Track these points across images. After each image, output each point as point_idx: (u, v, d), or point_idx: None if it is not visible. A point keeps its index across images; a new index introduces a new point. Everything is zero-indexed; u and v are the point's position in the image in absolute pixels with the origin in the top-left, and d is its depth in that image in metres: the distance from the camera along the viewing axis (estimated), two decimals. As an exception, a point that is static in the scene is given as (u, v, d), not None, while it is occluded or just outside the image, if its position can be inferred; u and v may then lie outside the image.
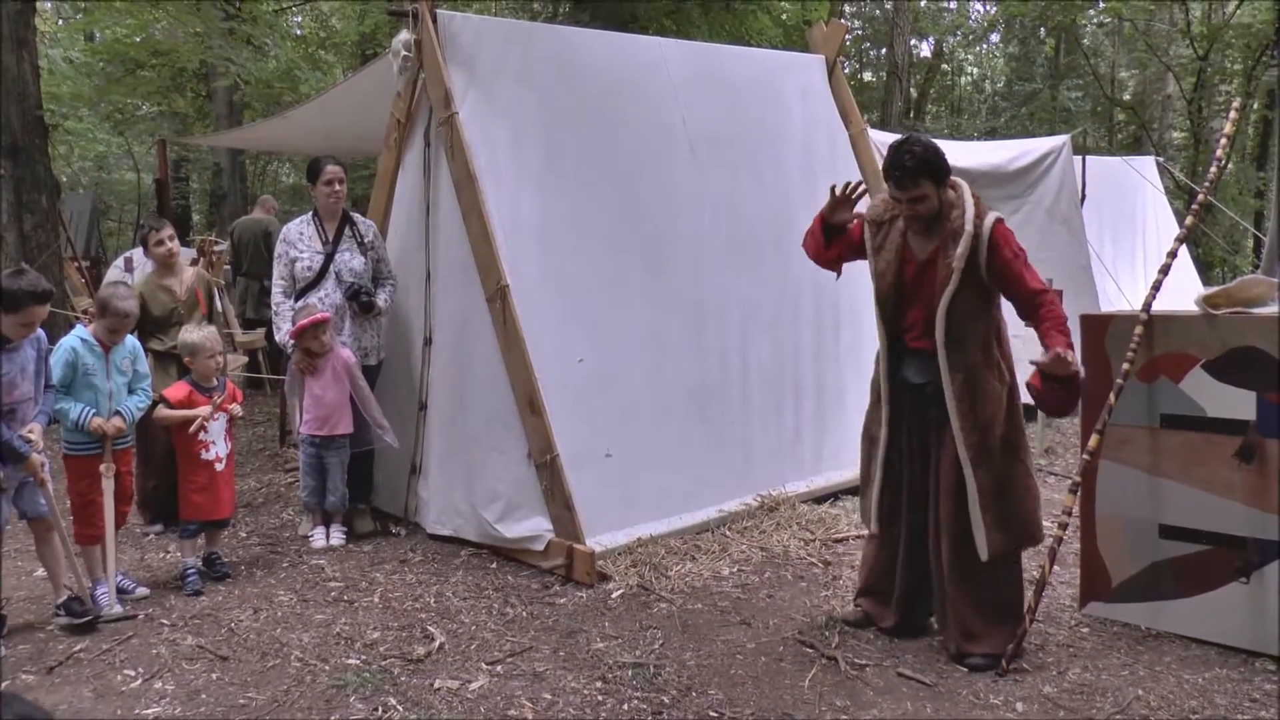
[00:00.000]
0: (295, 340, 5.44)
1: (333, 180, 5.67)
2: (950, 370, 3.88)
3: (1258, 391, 4.01)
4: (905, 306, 4.05)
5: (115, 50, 15.42)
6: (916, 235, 4.02)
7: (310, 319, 5.38)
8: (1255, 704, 3.66)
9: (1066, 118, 19.95)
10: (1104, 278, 9.37)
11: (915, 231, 4.02)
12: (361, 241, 5.73)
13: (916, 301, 4.00)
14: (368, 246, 5.74)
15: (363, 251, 5.71)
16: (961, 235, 3.85)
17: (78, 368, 4.54)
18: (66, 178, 20.15)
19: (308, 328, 5.37)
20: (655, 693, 3.77)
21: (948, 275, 3.85)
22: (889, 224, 4.10)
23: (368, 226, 5.83)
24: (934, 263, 3.94)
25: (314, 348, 5.43)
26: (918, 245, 4.02)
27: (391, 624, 4.43)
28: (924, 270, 3.98)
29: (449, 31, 5.51)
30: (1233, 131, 4.71)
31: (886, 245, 4.07)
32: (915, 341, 4.02)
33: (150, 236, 5.82)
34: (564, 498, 5.03)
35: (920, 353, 4.01)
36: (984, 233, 3.86)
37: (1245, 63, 19.43)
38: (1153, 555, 4.31)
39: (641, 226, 5.88)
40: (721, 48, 7.32)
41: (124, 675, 3.94)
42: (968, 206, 3.90)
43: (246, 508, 6.29)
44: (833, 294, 6.65)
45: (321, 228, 5.70)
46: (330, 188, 5.66)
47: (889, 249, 4.06)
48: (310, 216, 5.76)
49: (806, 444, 6.36)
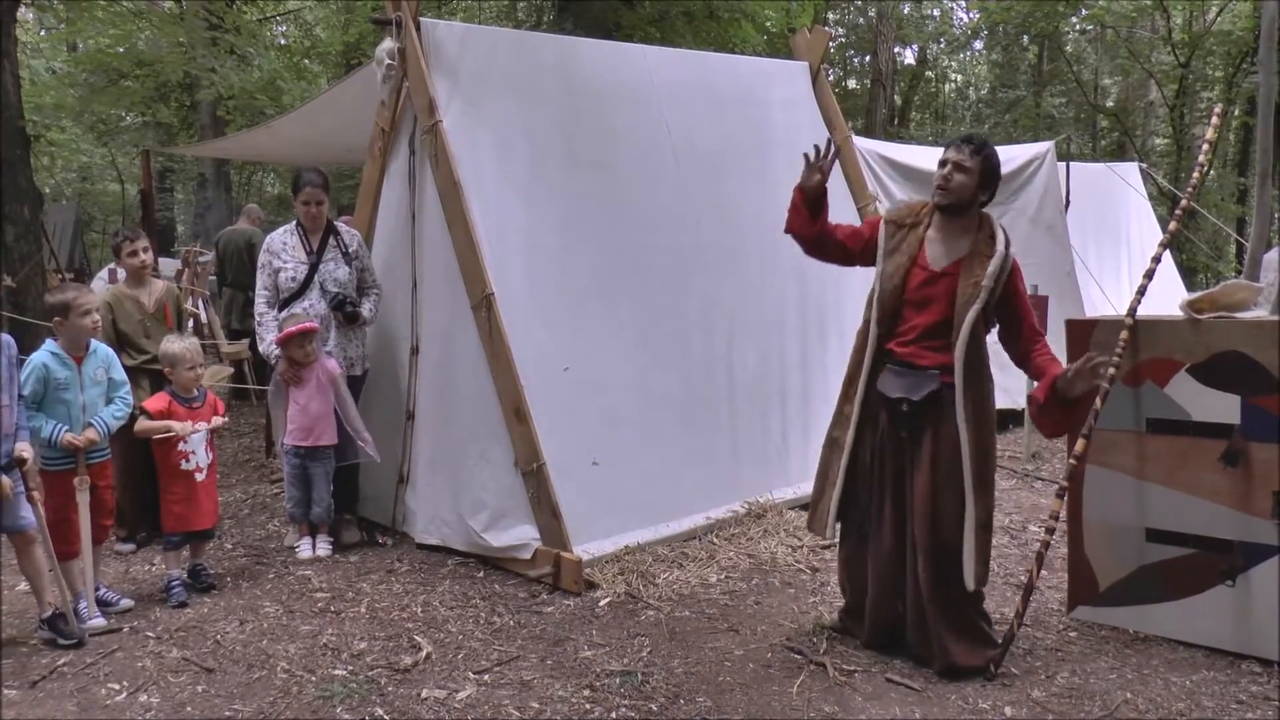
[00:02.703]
0: (280, 348, 5.41)
1: (310, 201, 5.60)
2: (966, 390, 3.85)
3: (1242, 395, 4.03)
4: (904, 310, 4.01)
5: (98, 60, 15.36)
6: (935, 243, 4.01)
7: (297, 327, 5.35)
8: (1242, 705, 3.68)
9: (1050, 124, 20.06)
10: (1088, 283, 9.41)
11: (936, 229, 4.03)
12: (346, 251, 5.70)
13: (920, 307, 3.97)
14: (352, 256, 5.71)
15: (347, 261, 5.68)
16: (994, 255, 3.87)
17: (49, 383, 4.46)
18: (49, 189, 20.07)
19: (294, 335, 5.35)
20: (643, 700, 3.75)
21: (974, 293, 3.84)
22: (908, 229, 4.09)
23: (352, 236, 5.80)
24: (950, 275, 3.93)
25: (298, 357, 5.40)
26: (934, 254, 4.00)
27: (378, 634, 4.41)
28: (934, 281, 3.96)
29: (433, 40, 5.50)
30: (1214, 138, 4.74)
31: (901, 249, 4.05)
32: (905, 348, 3.98)
33: (124, 246, 5.71)
34: (551, 506, 5.02)
35: (902, 365, 3.98)
36: (1008, 263, 3.90)
37: (1226, 69, 19.58)
38: (1139, 559, 4.32)
39: (627, 234, 5.88)
40: (706, 55, 7.33)
41: (108, 689, 3.90)
42: (999, 231, 3.94)
43: (232, 519, 6.25)
44: (818, 301, 6.68)
45: (305, 238, 5.66)
46: (308, 208, 5.61)
47: (903, 253, 4.04)
48: (294, 226, 5.71)
49: (793, 451, 6.36)
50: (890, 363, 4.02)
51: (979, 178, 3.93)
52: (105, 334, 5.27)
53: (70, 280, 10.26)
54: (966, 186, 3.92)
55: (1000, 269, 3.86)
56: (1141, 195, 11.98)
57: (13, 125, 9.13)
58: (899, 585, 4.05)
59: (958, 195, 3.94)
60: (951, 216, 4.00)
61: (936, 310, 3.93)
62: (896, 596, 4.08)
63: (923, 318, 3.95)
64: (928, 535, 3.89)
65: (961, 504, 3.85)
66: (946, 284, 3.93)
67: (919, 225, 4.07)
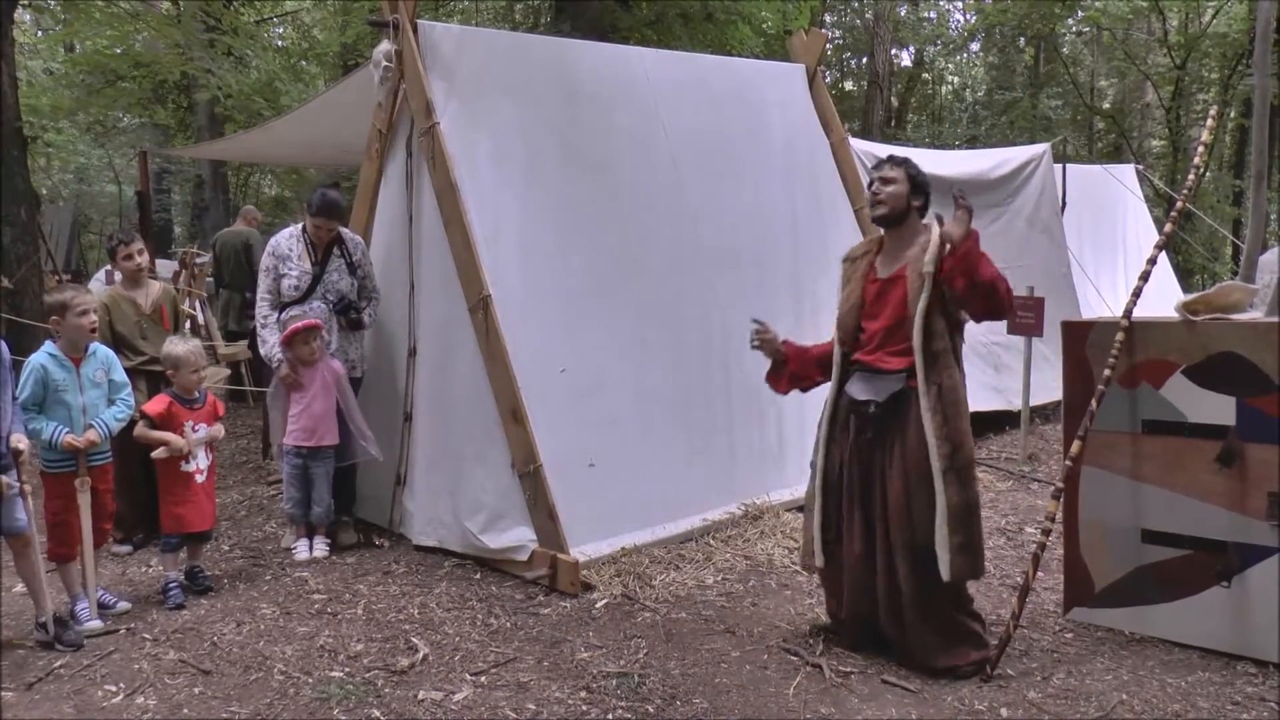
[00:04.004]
0: (286, 345, 5.41)
1: (323, 227, 5.59)
2: (927, 380, 3.87)
3: (1237, 396, 4.04)
4: (864, 320, 4.14)
5: (95, 61, 15.34)
6: (884, 257, 4.17)
7: (302, 323, 5.38)
8: (1237, 706, 3.68)
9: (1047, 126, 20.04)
10: (1085, 285, 9.43)
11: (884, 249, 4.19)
12: (350, 261, 5.71)
13: (877, 315, 4.09)
14: (355, 265, 5.72)
15: (351, 271, 5.69)
16: (929, 246, 3.94)
17: (48, 385, 4.45)
18: (46, 190, 20.03)
19: (299, 331, 5.36)
20: (640, 702, 3.76)
21: (920, 284, 3.92)
22: (861, 259, 4.28)
23: (356, 244, 5.81)
24: (899, 279, 4.03)
25: (303, 355, 5.41)
26: (882, 265, 4.16)
27: (375, 635, 4.41)
28: (887, 287, 4.08)
29: (430, 42, 5.51)
30: (1210, 140, 4.75)
31: (854, 279, 4.24)
32: (869, 355, 4.07)
33: (119, 250, 5.71)
34: (547, 507, 5.02)
35: (868, 370, 4.06)
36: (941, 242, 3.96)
37: (1222, 71, 19.59)
38: (1135, 560, 4.33)
39: (623, 236, 5.88)
40: (702, 57, 7.34)
41: (105, 690, 3.90)
42: (936, 233, 3.98)
43: (229, 521, 6.25)
44: (814, 302, 6.68)
45: (311, 246, 5.65)
46: (319, 230, 5.60)
47: (855, 280, 4.23)
48: (300, 231, 5.70)
49: (789, 452, 6.35)
50: (858, 369, 4.13)
51: (907, 184, 4.09)
52: (102, 335, 5.26)
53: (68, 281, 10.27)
54: (898, 195, 4.08)
55: (937, 251, 3.92)
56: (1138, 197, 12.00)
57: (10, 126, 9.11)
58: (870, 588, 4.06)
59: (891, 205, 4.09)
60: (893, 227, 4.14)
61: (892, 313, 4.03)
62: (868, 599, 4.09)
63: (880, 323, 4.07)
64: (904, 536, 3.90)
65: (933, 502, 3.85)
66: (898, 286, 4.03)
67: (870, 253, 4.26)
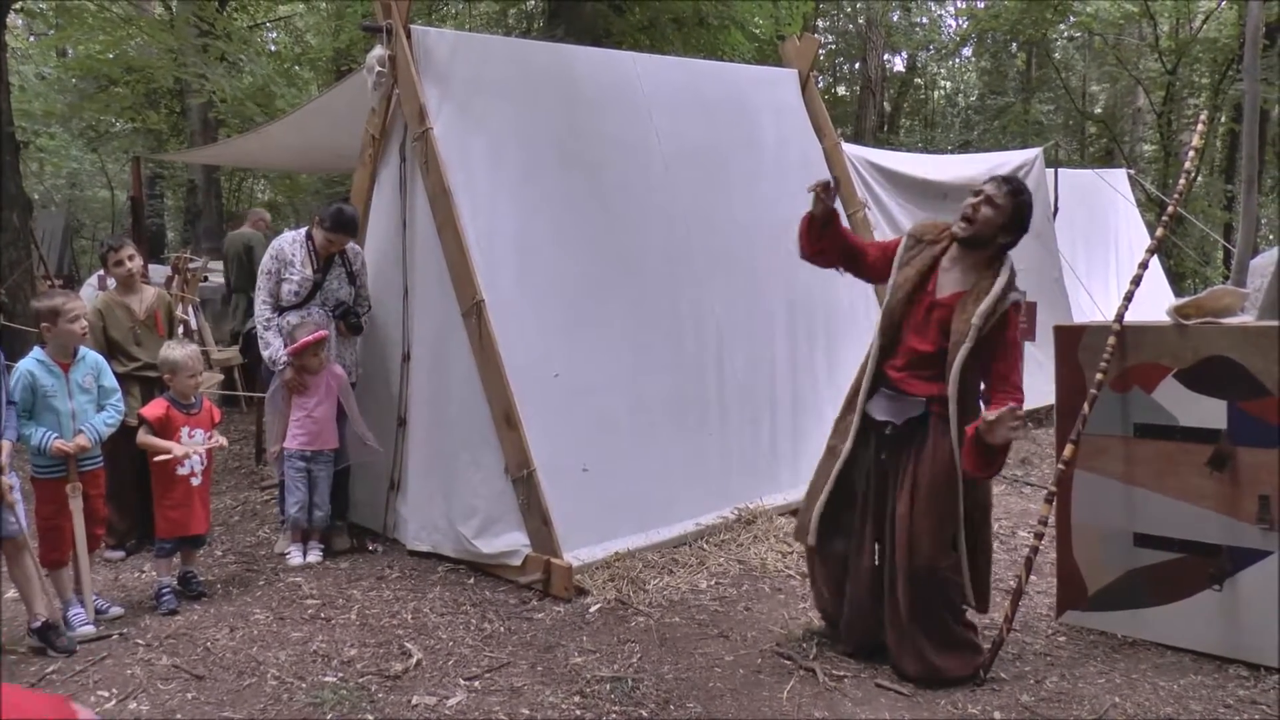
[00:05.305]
0: (294, 358, 5.41)
1: (333, 243, 5.60)
2: (960, 421, 3.81)
3: (1229, 400, 4.05)
4: (903, 331, 4.00)
5: (88, 66, 15.32)
6: (946, 271, 3.97)
7: (313, 336, 5.38)
8: (1230, 709, 3.69)
9: (1039, 130, 20.07)
10: (1077, 289, 9.46)
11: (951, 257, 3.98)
12: (350, 270, 5.72)
13: (916, 335, 3.95)
14: (354, 275, 5.74)
15: (350, 281, 5.71)
16: (988, 294, 3.80)
17: (36, 390, 4.44)
18: (39, 195, 20.00)
19: (310, 345, 5.36)
20: (634, 706, 3.76)
21: (964, 330, 3.79)
22: (927, 246, 4.06)
23: (356, 254, 5.82)
24: (946, 307, 3.90)
25: (312, 366, 5.43)
26: (942, 280, 3.97)
27: (369, 641, 4.40)
28: (933, 308, 3.94)
29: (423, 47, 5.51)
30: (1201, 144, 4.77)
31: (913, 263, 4.03)
32: (898, 373, 3.98)
33: (110, 256, 5.73)
34: (541, 512, 5.02)
35: (893, 389, 3.99)
36: (1004, 305, 3.81)
37: (1213, 76, 19.66)
38: (1127, 564, 4.34)
39: (617, 240, 5.89)
40: (695, 63, 7.36)
41: (98, 696, 3.89)
42: (1004, 273, 3.86)
43: (222, 526, 6.24)
44: (807, 306, 6.69)
45: (314, 253, 5.65)
46: (328, 244, 5.61)
47: (914, 267, 4.02)
48: (304, 237, 5.70)
49: (783, 457, 6.37)
50: (884, 385, 4.03)
51: (1007, 217, 3.87)
52: (96, 341, 5.25)
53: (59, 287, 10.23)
54: (991, 223, 3.87)
55: (992, 309, 3.78)
56: (1129, 201, 12.04)
57: (2, 131, 9.10)
58: (876, 606, 4.05)
59: (979, 229, 3.89)
60: (968, 249, 3.95)
61: (930, 340, 3.91)
62: (874, 618, 4.08)
63: (917, 343, 3.94)
64: (906, 559, 3.88)
65: (940, 527, 3.85)
66: (941, 314, 3.90)
67: (937, 244, 4.05)
